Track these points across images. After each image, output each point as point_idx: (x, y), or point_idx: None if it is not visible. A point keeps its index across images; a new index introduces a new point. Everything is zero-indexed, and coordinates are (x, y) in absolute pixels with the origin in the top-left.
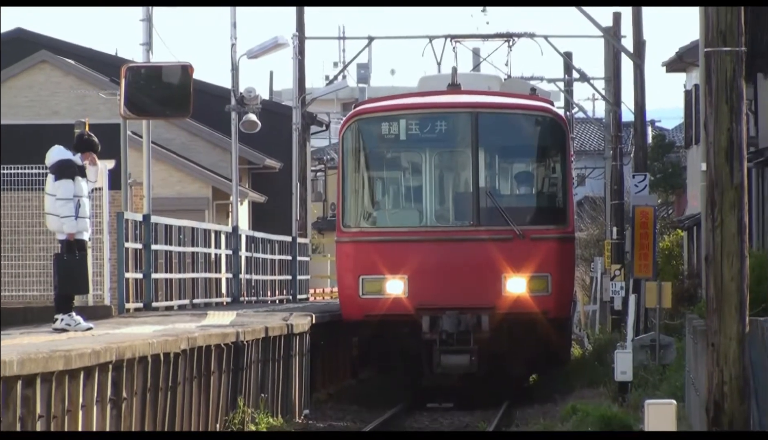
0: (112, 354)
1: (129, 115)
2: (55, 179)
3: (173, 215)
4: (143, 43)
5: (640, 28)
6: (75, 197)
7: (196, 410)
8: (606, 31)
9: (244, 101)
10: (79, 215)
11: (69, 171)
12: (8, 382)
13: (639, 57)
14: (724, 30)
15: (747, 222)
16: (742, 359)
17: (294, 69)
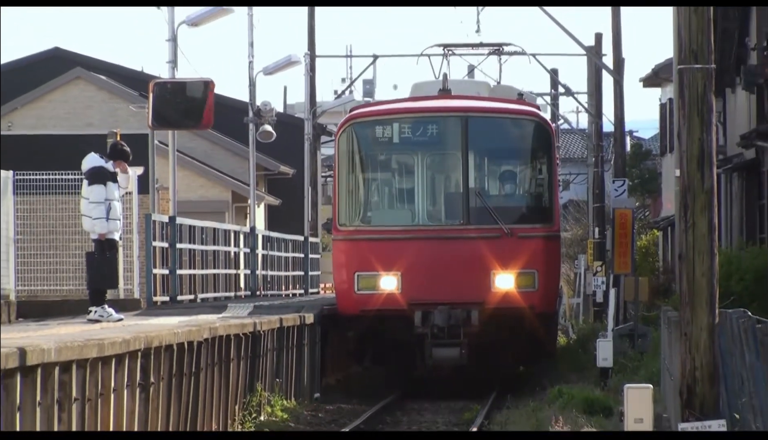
0: (141, 343)
1: (156, 126)
2: (89, 184)
3: (196, 216)
4: (169, 61)
5: (620, 47)
6: (106, 200)
7: (218, 393)
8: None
9: (260, 114)
10: (110, 217)
11: (101, 177)
12: (47, 368)
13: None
14: (696, 49)
15: (716, 223)
16: (712, 347)
17: (306, 84)
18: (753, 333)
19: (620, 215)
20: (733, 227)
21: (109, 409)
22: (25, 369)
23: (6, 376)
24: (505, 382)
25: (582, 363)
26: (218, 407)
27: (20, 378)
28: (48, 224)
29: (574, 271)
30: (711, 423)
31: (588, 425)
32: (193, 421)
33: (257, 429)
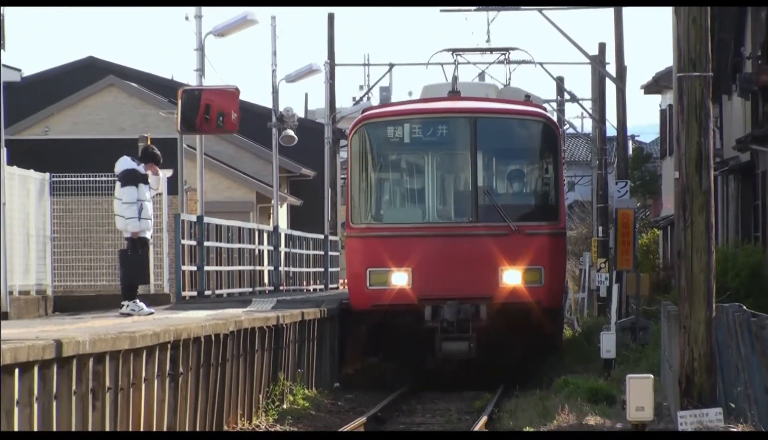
0: (171, 335)
1: (184, 131)
2: (122, 186)
3: (222, 216)
4: (196, 69)
5: (622, 56)
6: (138, 201)
7: (243, 383)
8: (593, 59)
9: (283, 119)
10: (142, 217)
11: (133, 179)
12: (81, 359)
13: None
14: (694, 58)
15: (713, 222)
16: (709, 339)
17: (326, 91)
18: (748, 326)
19: (623, 214)
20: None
21: (140, 398)
22: (62, 359)
23: (43, 366)
24: (512, 374)
25: (587, 354)
26: (243, 396)
27: (57, 368)
28: (83, 223)
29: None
30: (708, 411)
31: (592, 413)
32: (219, 410)
33: (280, 416)
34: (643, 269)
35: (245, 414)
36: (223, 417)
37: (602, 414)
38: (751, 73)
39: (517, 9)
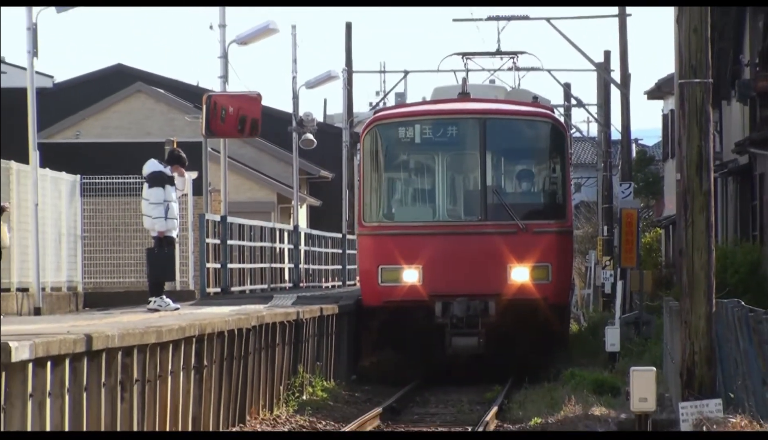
0: (196, 330)
1: (209, 135)
2: (149, 187)
3: (245, 216)
4: (220, 76)
5: (626, 64)
6: (165, 201)
7: (264, 375)
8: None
9: (303, 123)
10: (168, 217)
11: (160, 180)
12: (111, 352)
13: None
14: (695, 65)
15: (713, 222)
16: (709, 334)
17: (343, 97)
18: (746, 321)
19: (626, 214)
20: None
21: (166, 390)
22: (92, 353)
23: (74, 359)
24: (520, 369)
25: (592, 348)
26: (265, 387)
27: (87, 361)
28: (112, 223)
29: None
30: (708, 402)
31: (597, 404)
32: (242, 401)
33: (300, 406)
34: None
35: (267, 405)
36: (246, 408)
37: (607, 404)
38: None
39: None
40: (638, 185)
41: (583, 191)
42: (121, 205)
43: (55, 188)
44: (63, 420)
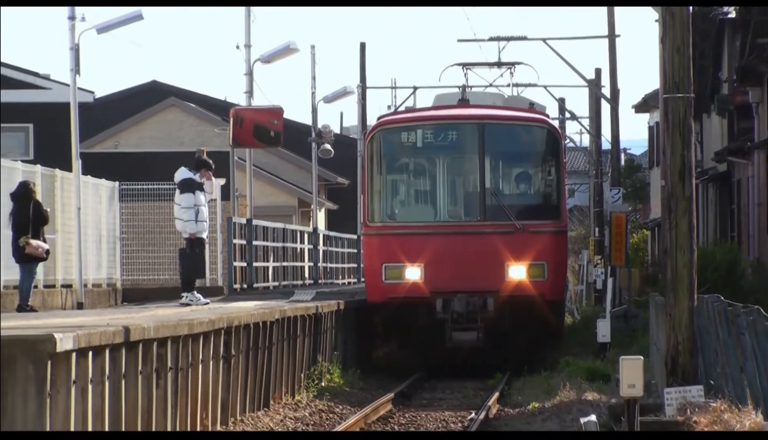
0: (224, 322)
1: (235, 145)
2: (180, 192)
3: (268, 219)
4: (246, 91)
5: (615, 80)
6: (195, 206)
7: (287, 364)
8: (590, 83)
9: (321, 134)
10: (198, 220)
11: (191, 186)
12: (147, 343)
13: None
14: (678, 81)
15: (695, 224)
16: (691, 326)
17: (358, 111)
18: (725, 314)
19: (616, 217)
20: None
21: (197, 377)
22: (129, 343)
23: (113, 349)
24: (518, 362)
25: (585, 339)
26: (287, 375)
27: (125, 351)
28: (147, 225)
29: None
30: (691, 388)
31: (590, 390)
32: (266, 387)
33: (319, 392)
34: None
35: (289, 391)
36: (270, 394)
37: (599, 390)
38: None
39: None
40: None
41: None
42: (155, 209)
43: (96, 193)
44: (103, 405)
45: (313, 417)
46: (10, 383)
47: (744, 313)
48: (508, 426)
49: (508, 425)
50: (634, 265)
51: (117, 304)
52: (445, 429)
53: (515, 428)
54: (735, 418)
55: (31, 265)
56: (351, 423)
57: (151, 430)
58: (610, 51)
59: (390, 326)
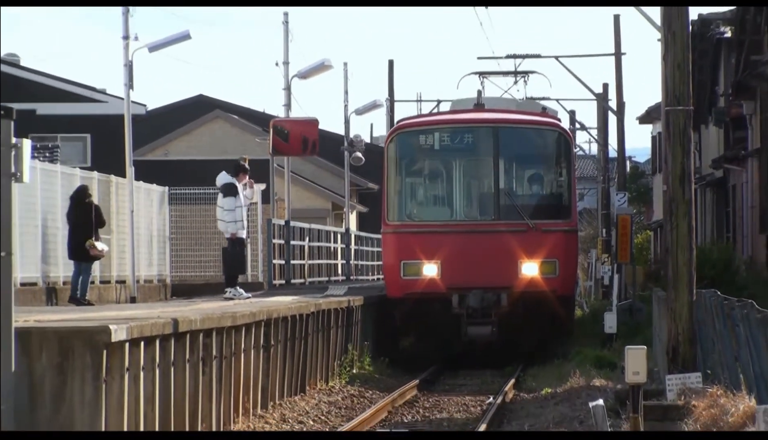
0: (264, 315)
1: (275, 153)
2: (223, 196)
3: (305, 221)
4: (284, 104)
5: (621, 94)
6: (236, 208)
7: (321, 353)
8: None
9: (353, 144)
10: (239, 220)
11: (232, 190)
12: (193, 334)
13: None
14: (678, 95)
15: (694, 225)
16: (691, 318)
17: (386, 122)
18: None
19: (622, 219)
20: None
21: (240, 364)
22: (178, 334)
23: (163, 340)
24: (530, 354)
25: (593, 330)
26: (321, 363)
27: (174, 341)
28: (194, 226)
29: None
30: (690, 375)
31: (598, 377)
32: (303, 374)
33: (351, 379)
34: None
35: (323, 378)
36: (306, 380)
37: (606, 377)
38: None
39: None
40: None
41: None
42: (202, 212)
43: (147, 197)
44: (154, 391)
45: (345, 401)
46: (70, 370)
47: (738, 306)
48: (523, 409)
49: (523, 408)
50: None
51: (166, 298)
52: (466, 411)
53: (530, 411)
54: (730, 402)
55: (89, 263)
56: (380, 406)
57: (198, 413)
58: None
59: (408, 320)
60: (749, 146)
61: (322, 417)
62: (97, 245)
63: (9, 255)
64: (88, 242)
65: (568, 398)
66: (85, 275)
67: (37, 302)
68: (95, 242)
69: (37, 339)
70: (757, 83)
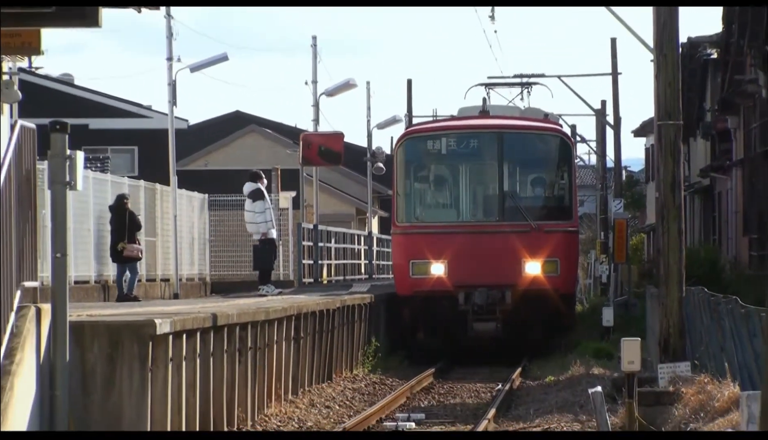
0: (294, 310)
1: (304, 164)
2: (253, 201)
3: (331, 224)
4: (313, 119)
5: (618, 109)
6: (266, 209)
7: (346, 344)
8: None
9: (374, 155)
10: (268, 221)
11: (260, 194)
12: (230, 327)
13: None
14: (669, 111)
15: (683, 229)
16: (680, 313)
17: None
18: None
19: (618, 223)
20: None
21: (272, 355)
22: (216, 327)
23: (203, 332)
24: (533, 349)
25: (592, 323)
26: (346, 353)
27: (213, 333)
28: (231, 230)
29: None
30: (680, 364)
31: (596, 366)
32: (329, 363)
33: (373, 368)
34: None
35: (348, 367)
36: (332, 369)
37: (603, 366)
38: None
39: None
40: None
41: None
42: (238, 217)
43: (189, 204)
44: (195, 379)
45: (368, 388)
46: (119, 360)
47: (724, 302)
48: (529, 395)
49: (529, 394)
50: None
51: (206, 295)
52: (477, 397)
53: (535, 396)
54: (716, 389)
55: (134, 263)
56: (399, 393)
57: (234, 399)
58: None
59: (417, 317)
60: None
61: (347, 402)
62: (130, 247)
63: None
64: (120, 244)
65: (569, 385)
66: (133, 274)
67: (90, 299)
68: (127, 244)
69: (90, 331)
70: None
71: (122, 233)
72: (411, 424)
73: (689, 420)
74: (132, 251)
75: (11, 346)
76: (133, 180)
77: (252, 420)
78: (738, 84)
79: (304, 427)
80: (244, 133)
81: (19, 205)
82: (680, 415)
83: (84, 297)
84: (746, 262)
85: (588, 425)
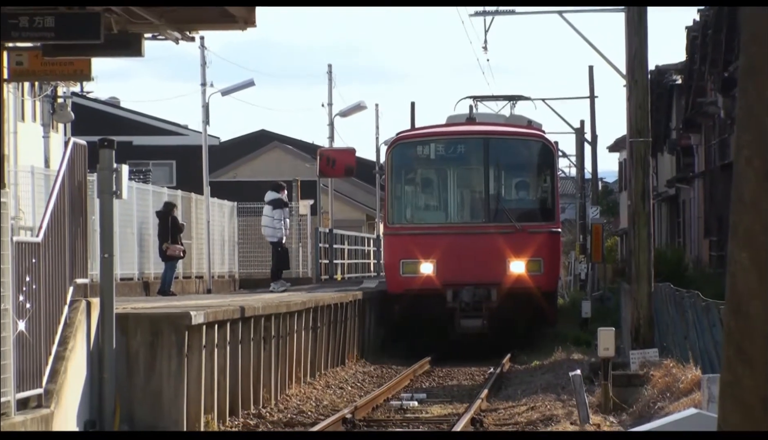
0: (312, 303)
1: (321, 176)
2: (273, 208)
3: (344, 229)
4: (328, 137)
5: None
6: (283, 218)
7: (358, 334)
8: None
9: (382, 168)
10: (285, 227)
11: (279, 204)
12: (257, 318)
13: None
14: (640, 129)
15: (652, 232)
16: (649, 306)
17: None
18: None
19: (595, 227)
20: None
21: (293, 343)
22: (244, 318)
23: (233, 323)
24: (518, 345)
25: (572, 315)
26: (358, 342)
27: (241, 324)
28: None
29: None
30: (649, 351)
31: (576, 352)
32: (342, 351)
33: (380, 354)
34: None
35: (359, 353)
36: (345, 355)
37: (582, 352)
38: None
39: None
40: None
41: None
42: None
43: (220, 211)
44: (225, 364)
45: (377, 371)
46: (159, 347)
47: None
48: (517, 377)
49: (517, 377)
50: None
51: (235, 290)
52: (471, 379)
53: (522, 379)
54: (681, 372)
55: (173, 262)
56: (403, 376)
57: (260, 381)
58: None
59: (407, 314)
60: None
61: (358, 384)
62: (172, 247)
63: (111, 256)
64: (164, 244)
65: (552, 369)
66: (170, 271)
67: (134, 294)
68: (170, 244)
69: (133, 322)
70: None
71: (165, 235)
72: (414, 403)
73: (657, 399)
74: (174, 251)
75: (65, 335)
76: (171, 190)
77: (275, 399)
78: (700, 106)
79: (321, 406)
80: (268, 149)
81: (71, 212)
82: (649, 395)
83: (128, 292)
84: (707, 261)
85: (569, 403)
